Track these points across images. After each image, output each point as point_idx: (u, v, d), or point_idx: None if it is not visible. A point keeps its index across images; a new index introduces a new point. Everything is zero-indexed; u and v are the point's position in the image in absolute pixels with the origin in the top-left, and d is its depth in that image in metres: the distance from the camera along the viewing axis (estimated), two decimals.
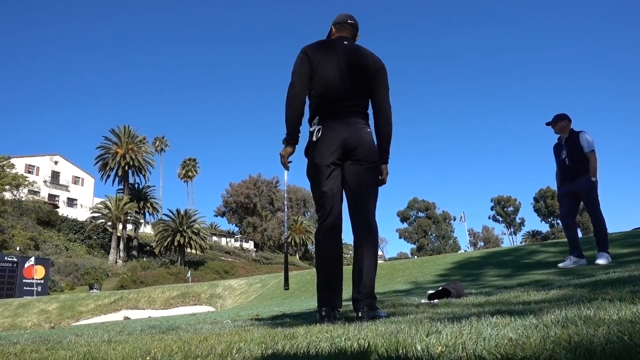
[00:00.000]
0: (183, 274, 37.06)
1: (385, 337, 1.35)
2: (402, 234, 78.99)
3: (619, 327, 1.14)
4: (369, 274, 2.47)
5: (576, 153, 5.59)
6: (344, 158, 2.60)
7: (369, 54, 2.76)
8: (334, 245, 2.57)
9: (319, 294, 2.54)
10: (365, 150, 2.58)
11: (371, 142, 2.64)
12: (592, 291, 2.43)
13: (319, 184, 2.59)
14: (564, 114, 5.80)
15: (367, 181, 2.60)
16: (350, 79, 2.64)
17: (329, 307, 2.47)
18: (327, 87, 2.62)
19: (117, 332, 3.62)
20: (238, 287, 14.44)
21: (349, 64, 2.65)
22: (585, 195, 5.55)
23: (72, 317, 14.95)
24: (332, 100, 2.61)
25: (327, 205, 2.57)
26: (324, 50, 2.68)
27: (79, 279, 35.15)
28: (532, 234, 74.47)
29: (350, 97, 2.63)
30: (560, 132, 5.79)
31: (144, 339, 2.54)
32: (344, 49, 2.69)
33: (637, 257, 5.76)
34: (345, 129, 2.56)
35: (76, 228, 45.54)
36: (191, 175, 63.19)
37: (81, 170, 58.94)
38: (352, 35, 2.84)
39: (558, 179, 5.91)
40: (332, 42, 2.76)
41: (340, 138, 2.55)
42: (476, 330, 1.37)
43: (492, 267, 8.01)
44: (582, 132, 5.66)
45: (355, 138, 2.56)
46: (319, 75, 2.63)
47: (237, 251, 61.44)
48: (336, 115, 2.60)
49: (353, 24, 2.84)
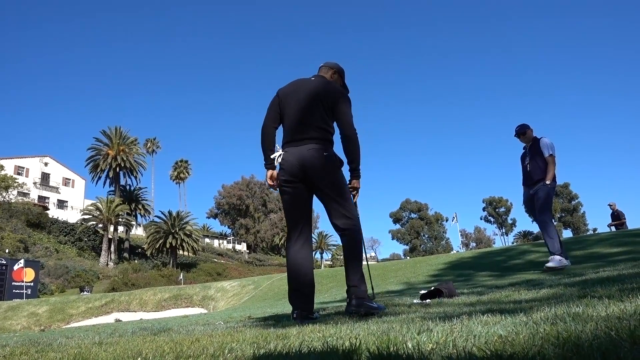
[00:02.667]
0: (175, 276, 36.85)
1: (376, 336, 1.36)
2: (394, 235, 79.13)
3: (607, 323, 1.15)
4: (352, 267, 2.82)
5: (537, 158, 5.71)
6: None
7: (326, 84, 3.06)
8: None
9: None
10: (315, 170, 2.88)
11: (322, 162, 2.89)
12: (582, 289, 2.46)
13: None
14: (527, 124, 5.94)
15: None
16: (307, 109, 2.97)
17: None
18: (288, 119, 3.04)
19: (108, 334, 3.59)
20: (230, 289, 14.39)
21: (306, 97, 3.00)
22: (538, 198, 5.63)
23: (63, 320, 14.81)
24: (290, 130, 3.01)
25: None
26: (290, 89, 3.09)
27: (70, 281, 34.80)
28: (524, 235, 74.90)
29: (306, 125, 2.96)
30: (526, 142, 5.92)
31: (136, 340, 2.53)
32: (305, 85, 3.06)
33: (626, 257, 5.82)
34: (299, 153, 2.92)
35: (67, 230, 45.10)
36: (183, 177, 62.90)
37: (72, 172, 58.42)
38: (327, 74, 3.22)
39: (524, 187, 6.01)
40: (299, 81, 3.13)
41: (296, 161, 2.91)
42: (467, 328, 1.38)
43: (484, 267, 8.05)
44: (542, 137, 5.80)
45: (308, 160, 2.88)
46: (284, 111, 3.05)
47: (229, 253, 61.22)
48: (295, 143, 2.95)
49: (328, 65, 3.27)
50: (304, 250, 2.91)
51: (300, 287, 2.84)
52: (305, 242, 2.92)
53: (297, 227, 2.94)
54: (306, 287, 2.85)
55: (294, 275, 2.86)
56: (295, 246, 2.90)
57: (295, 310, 2.83)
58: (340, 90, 3.08)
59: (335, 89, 3.05)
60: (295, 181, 2.90)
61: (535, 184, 5.71)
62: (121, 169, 47.58)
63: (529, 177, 5.80)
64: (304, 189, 2.92)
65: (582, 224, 70.48)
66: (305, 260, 2.88)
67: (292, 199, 2.94)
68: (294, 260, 2.88)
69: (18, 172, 50.89)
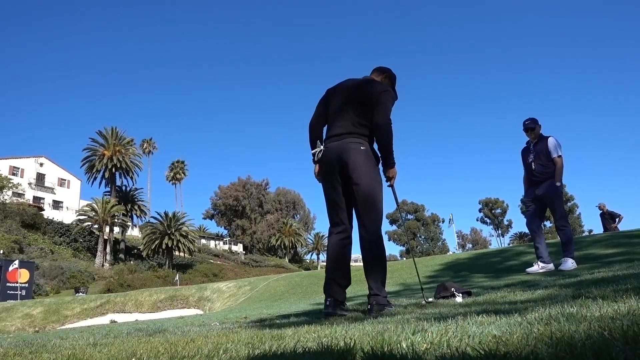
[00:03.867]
0: (171, 277, 36.70)
1: (371, 336, 1.36)
2: (391, 236, 79.20)
3: (600, 323, 1.16)
4: (371, 274, 2.84)
5: (543, 157, 5.60)
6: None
7: (369, 82, 3.15)
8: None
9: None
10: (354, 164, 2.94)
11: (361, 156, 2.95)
12: (577, 290, 2.47)
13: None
14: (537, 119, 5.79)
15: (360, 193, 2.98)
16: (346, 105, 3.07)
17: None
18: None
19: (103, 335, 3.57)
20: (227, 290, 14.35)
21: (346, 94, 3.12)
22: (550, 201, 5.57)
23: (57, 321, 14.73)
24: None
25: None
26: (336, 87, 3.23)
27: (65, 282, 34.60)
28: (520, 236, 75.12)
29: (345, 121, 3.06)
30: (533, 138, 5.79)
31: (130, 341, 2.52)
32: (349, 83, 3.19)
33: (621, 258, 5.85)
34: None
35: (62, 231, 44.87)
36: (180, 178, 62.78)
37: (67, 172, 58.18)
38: (378, 77, 3.32)
39: (525, 183, 5.92)
40: (346, 80, 3.26)
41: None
42: (461, 328, 1.39)
43: (480, 268, 8.07)
44: (549, 136, 5.68)
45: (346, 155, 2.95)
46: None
47: (225, 254, 61.08)
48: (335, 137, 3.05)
49: (380, 69, 3.39)
50: (345, 241, 2.98)
51: (335, 277, 2.92)
52: (346, 235, 3.00)
53: (338, 218, 3.00)
54: (342, 278, 2.93)
55: (332, 265, 2.94)
56: (337, 237, 2.98)
57: (328, 299, 2.89)
58: (384, 86, 3.12)
59: (376, 85, 3.10)
60: (334, 175, 2.99)
61: (540, 183, 5.62)
62: (117, 170, 47.40)
63: (534, 175, 5.67)
64: (342, 183, 2.99)
65: (578, 225, 70.72)
66: (344, 250, 2.97)
67: (332, 191, 3.02)
68: (334, 250, 2.96)
69: (13, 172, 50.64)
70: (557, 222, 5.59)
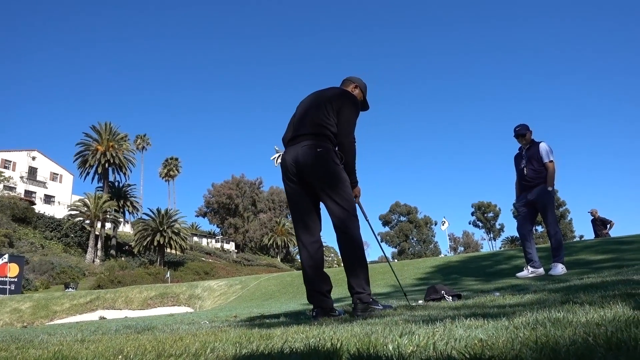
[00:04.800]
0: (162, 274, 36.55)
1: (358, 338, 1.36)
2: (383, 238, 79.32)
3: (585, 329, 1.17)
4: (352, 273, 2.78)
5: (535, 163, 5.63)
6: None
7: (337, 90, 3.08)
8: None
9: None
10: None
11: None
12: (565, 295, 2.49)
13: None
14: (527, 125, 5.85)
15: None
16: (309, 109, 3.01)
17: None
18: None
19: (91, 332, 3.55)
20: (217, 288, 14.31)
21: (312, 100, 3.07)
22: (542, 205, 5.60)
23: (46, 317, 14.63)
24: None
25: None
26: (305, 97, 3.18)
27: (55, 277, 34.37)
28: (511, 240, 75.52)
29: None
30: (525, 143, 5.83)
31: (118, 338, 2.51)
32: (317, 92, 3.13)
33: (611, 264, 5.90)
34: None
35: (53, 226, 44.54)
36: (173, 175, 62.49)
37: (60, 167, 57.76)
38: (348, 87, 3.24)
39: (517, 188, 5.95)
40: (316, 91, 3.19)
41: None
42: (449, 331, 1.39)
43: (471, 271, 8.11)
44: (541, 142, 5.72)
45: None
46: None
47: (217, 252, 60.92)
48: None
49: (351, 79, 3.30)
50: (313, 248, 2.87)
51: (315, 286, 2.83)
52: (313, 241, 2.88)
53: (303, 225, 2.90)
54: (320, 284, 2.83)
55: (310, 275, 2.85)
56: (304, 246, 2.87)
57: (314, 309, 2.84)
58: (351, 97, 3.02)
59: (344, 94, 3.01)
60: (294, 180, 2.88)
61: (532, 188, 5.66)
62: (110, 165, 47.13)
63: (526, 182, 5.71)
64: (304, 187, 2.88)
65: (569, 231, 71.24)
66: (314, 259, 2.85)
67: (294, 198, 2.92)
68: (305, 261, 2.86)
69: (5, 165, 50.22)
70: (548, 227, 5.63)
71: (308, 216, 2.91)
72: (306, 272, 2.88)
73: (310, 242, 2.89)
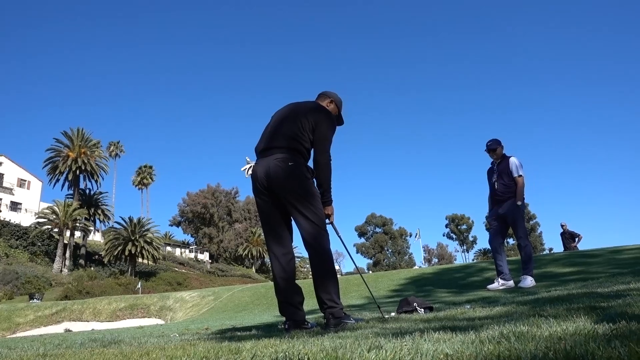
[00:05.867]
0: (133, 284, 35.61)
1: (326, 352, 1.36)
2: (359, 249, 79.55)
3: (547, 343, 1.20)
4: (323, 288, 2.77)
5: (505, 177, 5.77)
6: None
7: (312, 105, 3.06)
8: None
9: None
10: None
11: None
12: (532, 308, 2.54)
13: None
14: (499, 140, 5.99)
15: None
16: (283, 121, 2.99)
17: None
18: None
19: (54, 346, 3.43)
20: (190, 300, 14.04)
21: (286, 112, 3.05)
22: (512, 220, 5.74)
23: (8, 329, 14.05)
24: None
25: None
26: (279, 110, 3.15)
27: (19, 287, 33.06)
28: (484, 252, 76.85)
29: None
30: (496, 158, 5.97)
31: (83, 352, 2.43)
32: (292, 105, 3.11)
33: (577, 276, 6.06)
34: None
35: (19, 234, 42.96)
36: (146, 183, 61.39)
37: (28, 173, 55.94)
38: (324, 102, 3.22)
39: (489, 202, 6.08)
40: (290, 103, 3.17)
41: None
42: (416, 345, 1.40)
43: (444, 283, 8.20)
44: (511, 156, 5.87)
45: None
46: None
47: (191, 262, 59.83)
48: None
49: (326, 94, 3.27)
50: (284, 259, 2.87)
51: (287, 298, 2.84)
52: (285, 253, 2.88)
53: (274, 237, 2.90)
54: (292, 296, 2.84)
55: (278, 288, 2.86)
56: (276, 258, 2.87)
57: (287, 322, 2.84)
58: (328, 113, 3.02)
59: (321, 110, 3.00)
60: (265, 193, 2.87)
61: (502, 202, 5.77)
62: (81, 172, 45.93)
63: (497, 196, 5.83)
64: (275, 199, 2.86)
65: (539, 244, 72.95)
66: (286, 270, 2.86)
67: (265, 210, 2.91)
68: (277, 273, 2.86)
69: None
70: (518, 240, 5.75)
71: (279, 227, 2.91)
72: (278, 283, 2.86)
73: (282, 253, 2.88)
